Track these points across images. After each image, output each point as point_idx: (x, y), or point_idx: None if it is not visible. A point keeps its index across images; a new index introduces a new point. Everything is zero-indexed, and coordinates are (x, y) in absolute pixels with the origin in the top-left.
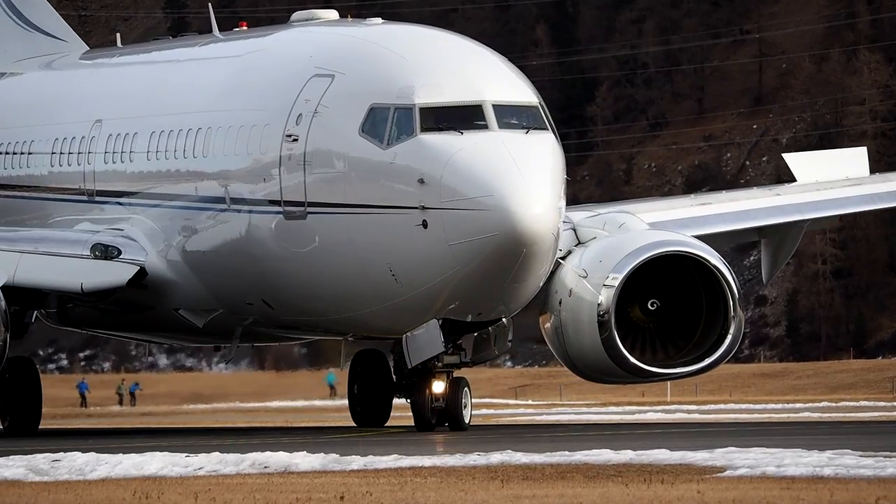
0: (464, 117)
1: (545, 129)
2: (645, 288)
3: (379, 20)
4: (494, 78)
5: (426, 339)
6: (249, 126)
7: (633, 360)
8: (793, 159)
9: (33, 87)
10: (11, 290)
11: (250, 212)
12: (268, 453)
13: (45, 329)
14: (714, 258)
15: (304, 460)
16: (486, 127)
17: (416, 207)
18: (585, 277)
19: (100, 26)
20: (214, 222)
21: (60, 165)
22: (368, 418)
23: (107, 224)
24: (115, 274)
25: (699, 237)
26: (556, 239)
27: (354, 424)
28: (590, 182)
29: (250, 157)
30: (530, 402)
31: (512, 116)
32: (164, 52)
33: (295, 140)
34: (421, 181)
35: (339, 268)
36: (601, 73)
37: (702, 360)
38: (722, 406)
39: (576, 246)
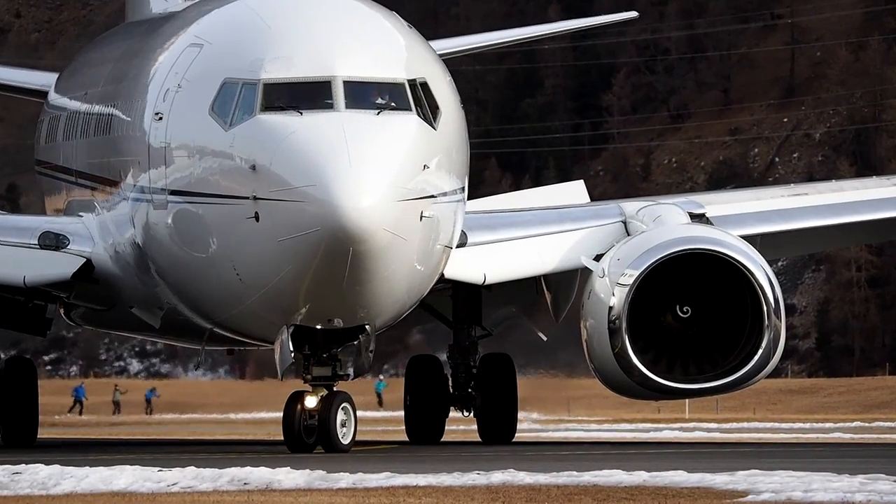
0: (313, 95)
1: (407, 109)
2: (683, 292)
3: None
4: (359, 51)
5: (283, 349)
6: (135, 103)
7: (647, 373)
8: None
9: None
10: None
11: (149, 201)
12: (248, 468)
13: (4, 330)
14: (747, 259)
15: (287, 477)
16: (331, 107)
17: (248, 198)
18: (603, 276)
19: (69, 5)
20: (125, 211)
21: (66, 140)
22: (420, 433)
23: (76, 209)
24: (60, 266)
25: (788, 232)
26: (406, 236)
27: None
28: (605, 178)
29: (131, 138)
30: (535, 416)
31: (374, 95)
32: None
33: (161, 119)
34: (253, 168)
35: (199, 265)
36: (618, 60)
37: (728, 375)
38: (745, 424)
39: (616, 242)
